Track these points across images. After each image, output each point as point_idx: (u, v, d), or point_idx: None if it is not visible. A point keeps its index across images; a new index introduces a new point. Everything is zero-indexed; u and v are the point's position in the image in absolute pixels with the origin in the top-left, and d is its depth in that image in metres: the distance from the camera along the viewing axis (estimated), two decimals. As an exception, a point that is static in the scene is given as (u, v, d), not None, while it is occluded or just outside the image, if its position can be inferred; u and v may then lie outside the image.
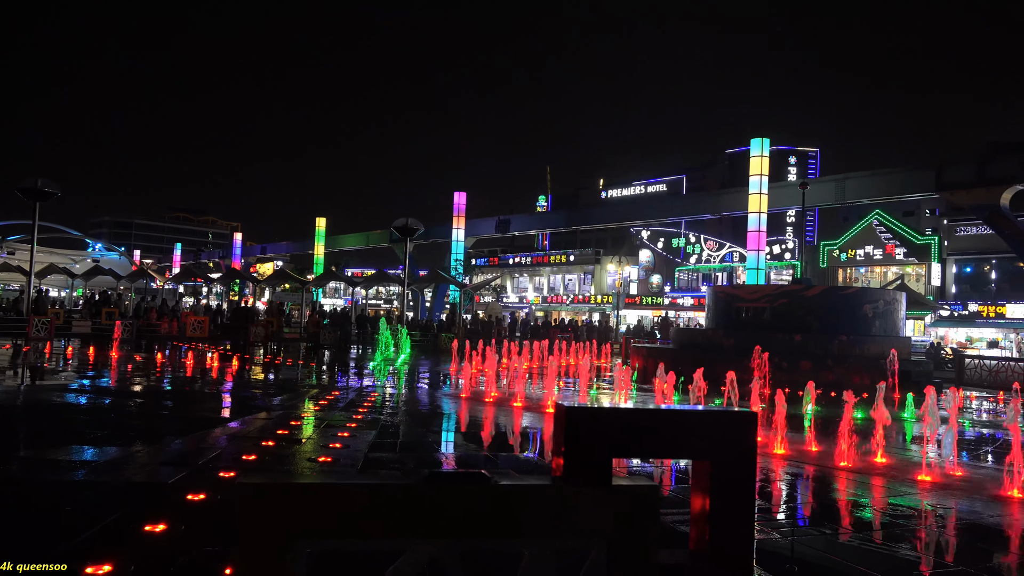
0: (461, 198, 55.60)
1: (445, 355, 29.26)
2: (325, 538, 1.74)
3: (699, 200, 50.97)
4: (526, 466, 8.48)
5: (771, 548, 5.81)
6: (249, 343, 32.34)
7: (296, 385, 16.90)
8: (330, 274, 58.48)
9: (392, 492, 1.70)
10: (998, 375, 24.07)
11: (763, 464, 9.24)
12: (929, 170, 36.20)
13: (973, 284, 44.75)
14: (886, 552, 5.81)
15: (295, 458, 8.33)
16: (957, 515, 7.20)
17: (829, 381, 17.94)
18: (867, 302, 22.96)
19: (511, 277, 74.18)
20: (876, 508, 7.50)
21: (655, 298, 61.09)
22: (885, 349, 19.78)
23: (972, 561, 5.72)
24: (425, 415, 12.99)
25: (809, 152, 57.42)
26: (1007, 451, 8.40)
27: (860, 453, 9.81)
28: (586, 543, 1.77)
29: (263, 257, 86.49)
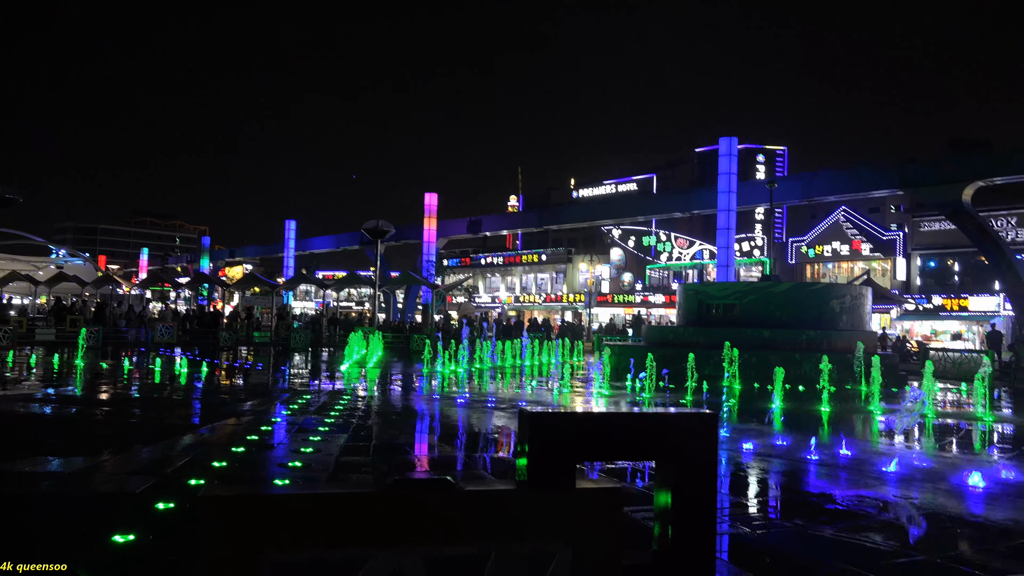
0: (432, 199, 55.47)
1: (417, 357, 29.16)
2: (289, 548, 1.74)
3: (669, 199, 51.34)
4: (500, 466, 8.49)
5: (740, 542, 5.88)
6: (219, 348, 31.98)
7: (267, 389, 16.75)
8: (300, 277, 57.99)
9: (356, 501, 1.70)
10: (962, 367, 24.55)
11: (733, 458, 9.35)
12: (894, 167, 36.81)
13: (937, 278, 45.62)
14: (855, 542, 5.90)
15: (265, 464, 8.26)
16: (922, 505, 7.34)
17: (798, 375, 18.20)
18: (834, 297, 23.31)
19: (483, 277, 74.16)
20: (844, 498, 7.61)
21: (627, 296, 61.45)
22: (852, 343, 20.10)
23: (934, 549, 5.83)
24: (398, 417, 12.95)
25: (777, 150, 58.11)
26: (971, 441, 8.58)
27: (828, 445, 9.95)
28: (551, 547, 1.78)
29: (232, 261, 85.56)
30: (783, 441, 10.19)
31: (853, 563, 5.30)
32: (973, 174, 33.09)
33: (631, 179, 66.15)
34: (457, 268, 73.88)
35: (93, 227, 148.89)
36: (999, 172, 32.89)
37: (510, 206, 79.27)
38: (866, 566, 5.23)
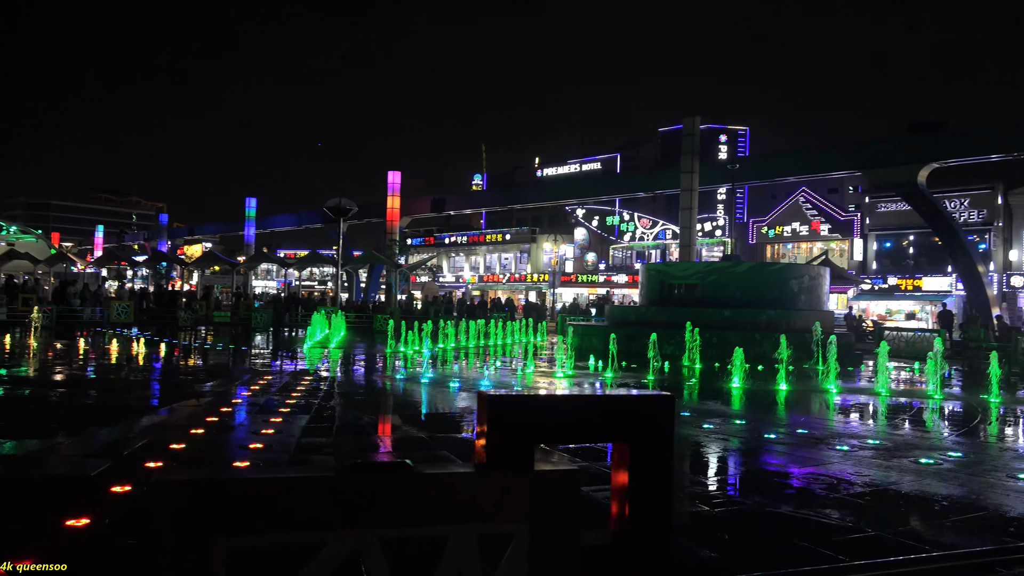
0: (395, 177, 54.99)
1: (381, 336, 29.03)
2: (245, 533, 1.72)
3: (633, 178, 51.58)
4: (463, 448, 8.51)
5: (700, 519, 5.98)
6: (177, 328, 31.49)
7: (227, 370, 16.55)
8: (261, 255, 57.23)
9: (313, 485, 1.68)
10: (915, 346, 25.18)
11: (693, 437, 9.49)
12: (852, 149, 37.39)
13: (892, 259, 46.59)
14: (811, 519, 6.04)
15: (225, 446, 8.17)
16: (874, 482, 7.53)
17: (757, 354, 18.50)
18: (793, 277, 23.71)
19: (447, 256, 73.93)
20: (801, 476, 7.78)
21: (590, 276, 61.77)
22: (810, 322, 20.47)
23: (886, 525, 6.00)
24: (361, 398, 12.90)
25: (739, 131, 58.61)
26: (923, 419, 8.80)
27: (786, 423, 10.15)
28: (510, 528, 1.78)
29: (191, 239, 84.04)
30: (742, 420, 10.37)
31: (809, 540, 5.42)
32: (928, 156, 33.76)
33: (595, 159, 66.26)
34: (421, 247, 73.51)
35: (45, 203, 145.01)
36: (953, 154, 33.61)
37: (474, 185, 78.93)
38: (821, 542, 5.36)
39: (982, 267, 34.22)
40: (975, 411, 12.53)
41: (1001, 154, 32.62)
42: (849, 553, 5.11)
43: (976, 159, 33.92)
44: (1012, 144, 31.71)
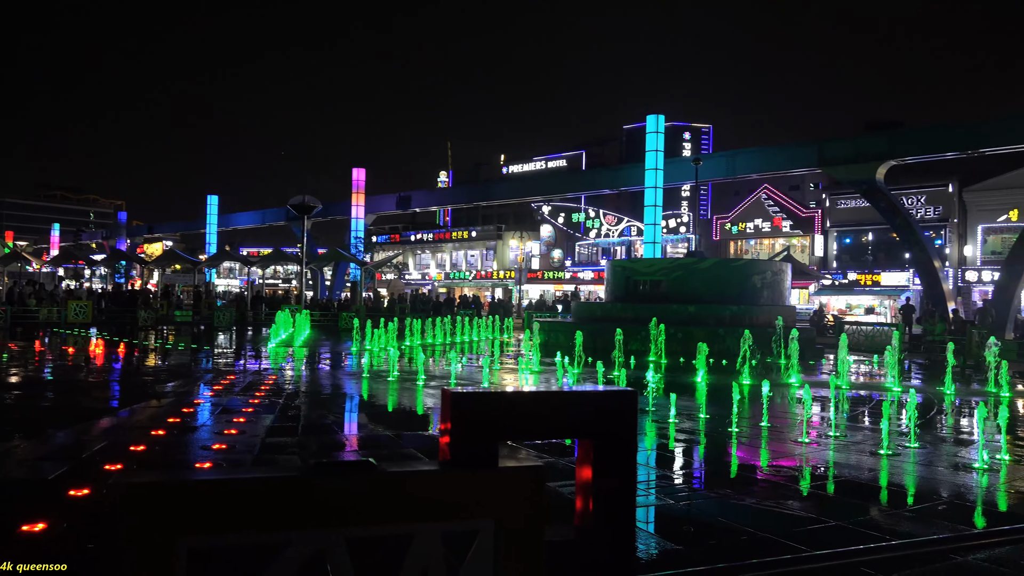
0: (360, 174, 54.57)
1: (346, 335, 28.83)
2: (206, 534, 1.69)
3: (598, 175, 51.79)
4: (429, 445, 8.49)
5: (665, 512, 6.04)
6: (138, 327, 30.93)
7: (189, 370, 16.30)
8: (224, 254, 56.42)
9: (275, 485, 1.67)
10: (875, 339, 25.69)
11: (658, 431, 9.57)
12: (812, 146, 37.96)
13: (852, 254, 47.43)
14: (774, 510, 6.14)
15: (187, 447, 8.05)
16: (837, 473, 7.67)
17: (721, 349, 18.73)
18: (756, 273, 24.02)
19: (413, 254, 73.61)
20: (763, 468, 7.90)
21: (556, 273, 61.96)
22: (772, 317, 20.78)
23: (847, 515, 6.12)
24: (326, 396, 12.79)
25: (702, 128, 59.20)
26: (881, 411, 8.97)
27: (749, 417, 10.29)
28: (474, 525, 1.78)
29: (151, 237, 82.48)
30: (706, 414, 10.49)
31: (771, 531, 5.51)
32: (886, 153, 34.42)
33: (561, 155, 66.46)
34: (386, 245, 73.10)
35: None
36: (910, 152, 34.30)
37: (440, 182, 78.66)
38: (783, 533, 5.45)
39: (938, 262, 35.01)
40: (932, 403, 12.83)
41: (956, 152, 33.39)
42: (811, 543, 5.21)
43: (932, 157, 34.67)
44: (966, 142, 32.47)
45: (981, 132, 32.09)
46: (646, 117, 38.44)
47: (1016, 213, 39.22)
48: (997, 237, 41.26)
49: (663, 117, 38.05)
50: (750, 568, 4.65)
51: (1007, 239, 38.33)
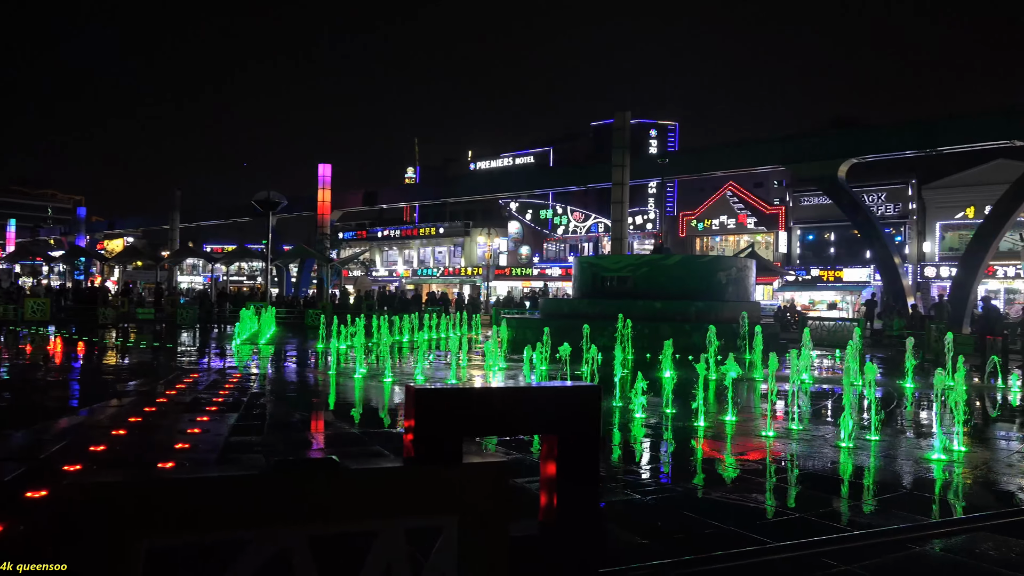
0: (326, 170, 54.07)
1: (312, 332, 28.57)
2: (165, 535, 1.67)
3: (565, 172, 51.94)
4: (395, 443, 8.45)
5: (632, 507, 6.08)
6: (98, 325, 30.35)
7: (151, 368, 16.03)
8: (187, 250, 55.55)
9: (235, 484, 1.65)
10: (837, 334, 26.12)
11: (625, 426, 9.64)
12: (776, 144, 38.47)
13: (815, 251, 48.16)
14: (739, 503, 6.22)
15: (149, 447, 7.92)
16: (799, 466, 7.79)
17: (687, 345, 18.89)
18: (721, 269, 24.28)
19: (380, 251, 73.16)
20: (728, 463, 7.99)
21: (524, 269, 62.02)
22: (737, 313, 21.02)
23: (810, 507, 6.22)
24: (292, 394, 12.67)
25: (668, 125, 59.61)
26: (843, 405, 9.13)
27: (715, 412, 10.40)
28: (439, 522, 1.78)
29: (111, 233, 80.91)
30: (672, 409, 10.58)
31: (736, 524, 5.58)
32: (848, 152, 35.02)
33: (528, 152, 66.49)
34: (353, 241, 72.51)
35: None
36: (871, 150, 34.94)
37: (407, 178, 78.23)
38: (747, 526, 5.52)
39: (898, 258, 35.70)
40: (892, 396, 13.10)
41: (914, 150, 34.08)
42: (773, 535, 5.28)
43: (892, 155, 35.35)
44: (924, 141, 33.16)
45: (938, 132, 32.80)
46: (613, 114, 38.62)
47: (972, 210, 40.11)
48: (955, 234, 42.18)
49: (630, 114, 38.25)
50: (715, 560, 4.70)
51: (964, 236, 39.20)
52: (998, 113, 31.51)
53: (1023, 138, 30.16)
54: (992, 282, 39.94)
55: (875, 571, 4.59)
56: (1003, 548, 5.12)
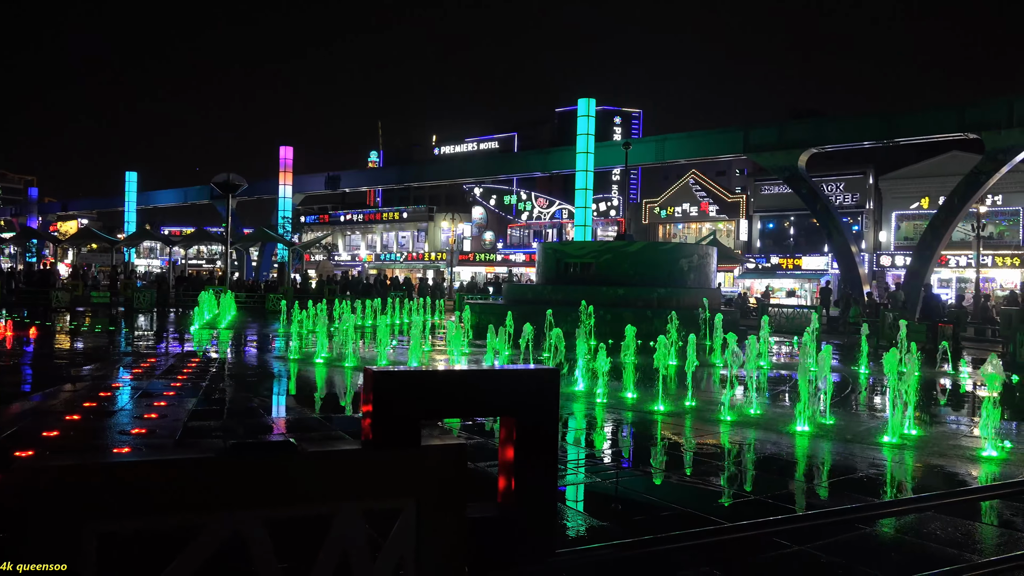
0: (287, 152, 53.33)
1: (273, 316, 28.26)
2: (118, 518, 1.65)
3: (530, 158, 51.90)
4: (358, 426, 8.41)
5: (592, 490, 6.15)
6: (51, 309, 29.64)
7: (107, 353, 15.71)
8: (143, 232, 54.43)
9: (189, 467, 1.63)
10: (795, 321, 26.59)
11: (587, 411, 9.73)
12: (739, 133, 38.87)
13: (775, 239, 48.88)
14: (697, 486, 6.32)
15: (104, 432, 7.78)
16: (756, 450, 7.94)
17: (649, 331, 19.07)
18: (683, 256, 24.53)
19: (343, 235, 72.49)
20: (687, 447, 8.12)
21: (488, 255, 61.97)
22: (699, 300, 21.27)
23: (765, 489, 6.35)
24: (252, 379, 12.53)
25: (632, 113, 59.91)
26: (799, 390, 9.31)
27: (675, 396, 10.54)
28: (397, 503, 1.78)
29: (64, 215, 78.90)
30: (632, 394, 10.69)
31: (694, 506, 5.68)
32: (808, 141, 35.53)
33: (493, 137, 66.31)
34: (315, 225, 71.74)
35: None
36: (830, 140, 35.50)
37: (370, 162, 77.52)
38: (705, 507, 5.63)
39: (855, 247, 36.40)
40: (847, 382, 13.40)
41: (872, 141, 34.71)
42: (729, 516, 5.39)
43: (850, 145, 35.96)
44: (882, 132, 33.79)
45: (895, 123, 33.44)
46: (578, 101, 38.64)
47: (927, 201, 41.02)
48: (910, 223, 43.11)
49: (594, 101, 38.33)
50: (671, 540, 4.78)
51: (918, 225, 40.09)
52: (953, 106, 32.23)
53: (976, 131, 30.88)
54: (945, 271, 40.97)
55: (826, 550, 4.71)
56: (949, 528, 5.29)
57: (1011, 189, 37.95)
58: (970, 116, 31.06)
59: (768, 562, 4.55)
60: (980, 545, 5.11)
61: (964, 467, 7.36)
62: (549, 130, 62.98)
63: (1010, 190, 38.03)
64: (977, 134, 30.99)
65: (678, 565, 4.38)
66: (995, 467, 7.29)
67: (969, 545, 5.05)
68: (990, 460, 7.49)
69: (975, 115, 30.89)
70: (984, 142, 30.79)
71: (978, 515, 5.75)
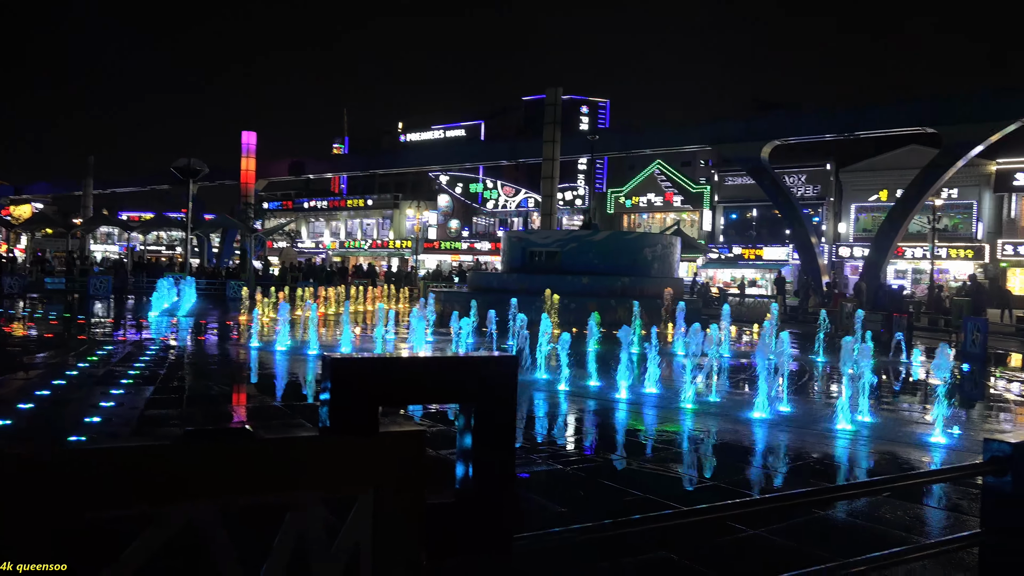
0: (250, 138, 52.56)
1: (235, 304, 27.89)
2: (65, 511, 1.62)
3: (496, 146, 51.82)
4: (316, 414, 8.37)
5: (554, 477, 6.20)
6: (2, 295, 28.92)
7: (62, 340, 15.38)
8: (101, 217, 53.27)
9: (143, 454, 1.61)
10: (755, 311, 27.00)
11: (550, 399, 9.79)
12: (703, 125, 39.26)
13: (738, 229, 49.51)
14: (657, 472, 6.41)
15: (57, 421, 7.63)
16: (715, 437, 8.07)
17: (613, 320, 19.23)
18: (647, 246, 24.74)
19: (306, 222, 71.72)
20: (648, 434, 8.22)
21: (454, 243, 61.82)
22: (662, 289, 21.49)
23: (724, 475, 6.47)
24: (212, 367, 12.38)
25: (600, 103, 60.01)
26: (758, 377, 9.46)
27: (636, 385, 10.65)
28: (354, 489, 1.79)
29: (17, 199, 76.79)
30: (596, 382, 10.78)
31: (655, 492, 5.76)
32: (771, 134, 36.02)
33: (459, 125, 66.00)
34: (278, 212, 70.82)
35: None
36: (793, 133, 36.02)
37: (335, 148, 76.67)
38: (665, 493, 5.71)
39: (815, 238, 37.05)
40: (805, 370, 13.66)
41: (834, 134, 35.30)
42: (688, 501, 5.47)
43: (812, 138, 36.53)
44: (844, 125, 34.36)
45: (857, 117, 34.04)
46: (545, 90, 38.63)
47: (885, 193, 41.85)
48: (869, 216, 43.95)
49: (561, 90, 38.35)
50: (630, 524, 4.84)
51: (877, 217, 40.89)
52: (913, 101, 32.89)
53: (934, 126, 31.55)
54: (901, 262, 41.88)
55: (779, 534, 4.82)
56: (899, 511, 5.44)
57: (966, 183, 38.89)
58: (929, 111, 31.73)
59: (724, 546, 4.64)
60: (928, 527, 5.27)
61: (914, 453, 7.56)
62: (516, 119, 62.84)
63: (965, 184, 38.96)
64: (936, 128, 31.68)
65: (636, 549, 4.45)
66: (943, 452, 7.51)
67: (917, 528, 5.20)
68: (938, 446, 7.70)
69: (934, 110, 31.56)
70: (942, 136, 31.49)
71: (927, 499, 5.92)
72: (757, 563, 4.46)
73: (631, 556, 4.40)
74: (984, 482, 2.82)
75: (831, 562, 3.04)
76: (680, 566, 4.34)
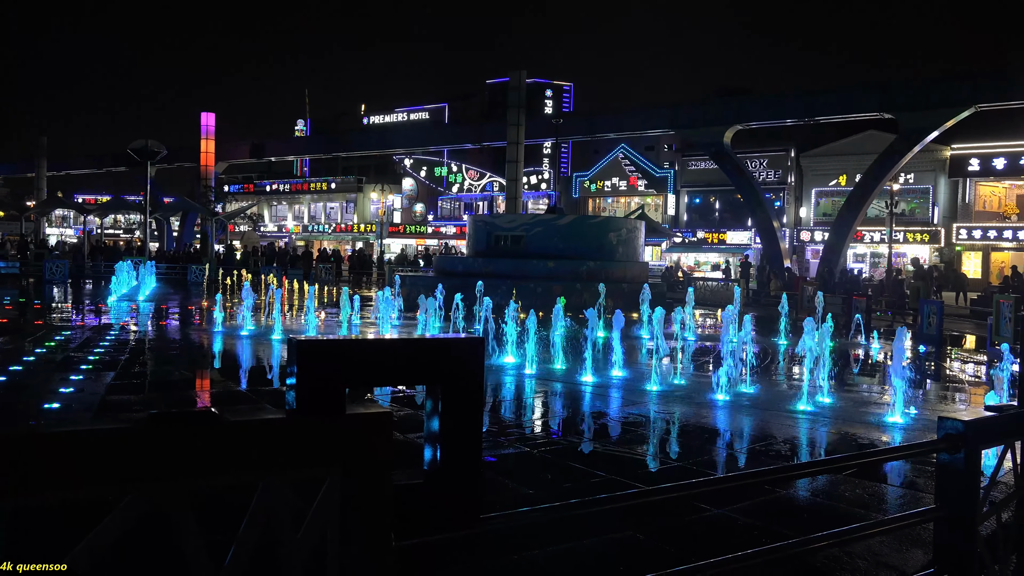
0: (209, 119, 51.57)
1: (196, 288, 27.48)
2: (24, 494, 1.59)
3: (461, 129, 51.55)
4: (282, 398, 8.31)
5: (521, 460, 6.24)
6: (-45, 280, 28.12)
7: (17, 326, 15.02)
8: (56, 200, 51.96)
9: (105, 437, 1.58)
10: (719, 294, 27.34)
11: (516, 383, 9.82)
12: (667, 109, 39.44)
13: (701, 213, 49.97)
14: (624, 454, 6.48)
15: (13, 407, 7.47)
16: (679, 419, 8.18)
17: (578, 303, 19.33)
18: (612, 230, 24.86)
19: (269, 205, 70.72)
20: (615, 416, 8.30)
21: (419, 227, 61.49)
22: (627, 273, 21.65)
23: (688, 456, 6.56)
24: (174, 353, 12.20)
25: (564, 86, 59.94)
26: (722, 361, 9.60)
27: (602, 368, 10.74)
28: (322, 471, 1.78)
29: (-32, 181, 74.58)
30: (561, 365, 10.84)
31: (622, 473, 5.82)
32: (733, 118, 36.33)
33: (423, 108, 65.49)
34: (240, 195, 69.74)
35: None
36: (754, 118, 36.38)
37: (297, 130, 75.61)
38: (630, 474, 5.78)
39: (776, 223, 37.54)
40: (767, 352, 13.88)
41: (794, 119, 35.73)
42: (654, 481, 5.55)
43: (773, 123, 36.94)
44: (804, 110, 34.80)
45: (817, 102, 34.49)
46: (508, 73, 38.48)
47: (845, 178, 42.51)
48: (828, 200, 44.62)
49: (525, 73, 38.24)
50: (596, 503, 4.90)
51: (837, 202, 41.54)
52: (871, 87, 33.40)
53: (892, 111, 32.09)
54: (860, 246, 42.67)
55: (742, 512, 4.91)
56: (858, 489, 5.58)
57: (922, 168, 39.66)
58: (887, 97, 32.25)
59: (688, 524, 4.72)
60: (886, 504, 5.41)
61: (872, 432, 7.74)
62: (480, 102, 62.52)
63: (921, 169, 39.74)
64: (893, 114, 32.21)
65: (603, 528, 4.50)
66: (900, 432, 7.70)
67: (876, 505, 5.34)
68: (895, 426, 7.90)
69: (892, 96, 32.09)
70: (900, 122, 32.04)
71: (885, 477, 6.08)
72: (722, 541, 4.54)
73: (598, 535, 4.45)
74: (938, 459, 2.90)
75: (793, 538, 3.11)
76: (646, 545, 4.40)
